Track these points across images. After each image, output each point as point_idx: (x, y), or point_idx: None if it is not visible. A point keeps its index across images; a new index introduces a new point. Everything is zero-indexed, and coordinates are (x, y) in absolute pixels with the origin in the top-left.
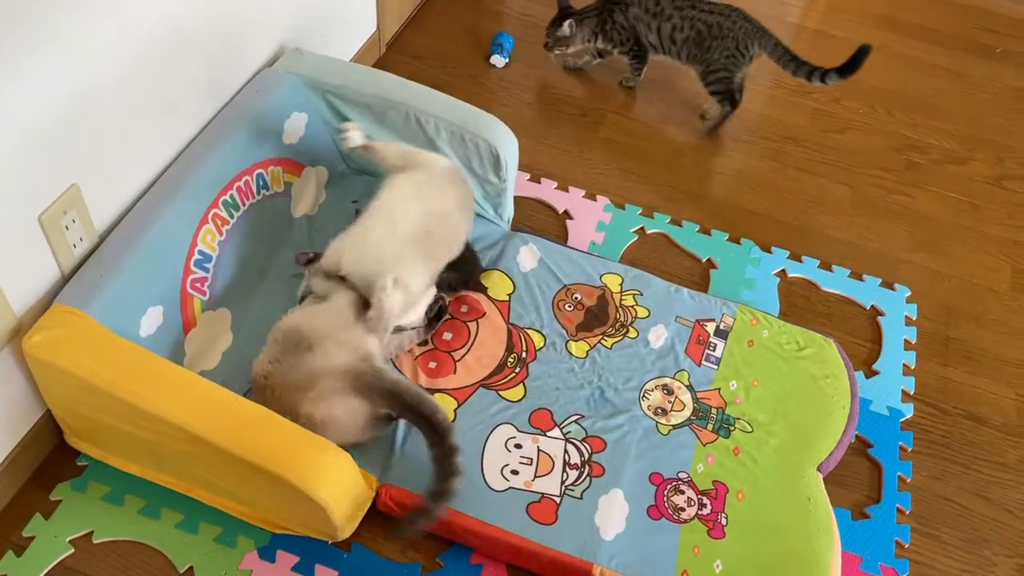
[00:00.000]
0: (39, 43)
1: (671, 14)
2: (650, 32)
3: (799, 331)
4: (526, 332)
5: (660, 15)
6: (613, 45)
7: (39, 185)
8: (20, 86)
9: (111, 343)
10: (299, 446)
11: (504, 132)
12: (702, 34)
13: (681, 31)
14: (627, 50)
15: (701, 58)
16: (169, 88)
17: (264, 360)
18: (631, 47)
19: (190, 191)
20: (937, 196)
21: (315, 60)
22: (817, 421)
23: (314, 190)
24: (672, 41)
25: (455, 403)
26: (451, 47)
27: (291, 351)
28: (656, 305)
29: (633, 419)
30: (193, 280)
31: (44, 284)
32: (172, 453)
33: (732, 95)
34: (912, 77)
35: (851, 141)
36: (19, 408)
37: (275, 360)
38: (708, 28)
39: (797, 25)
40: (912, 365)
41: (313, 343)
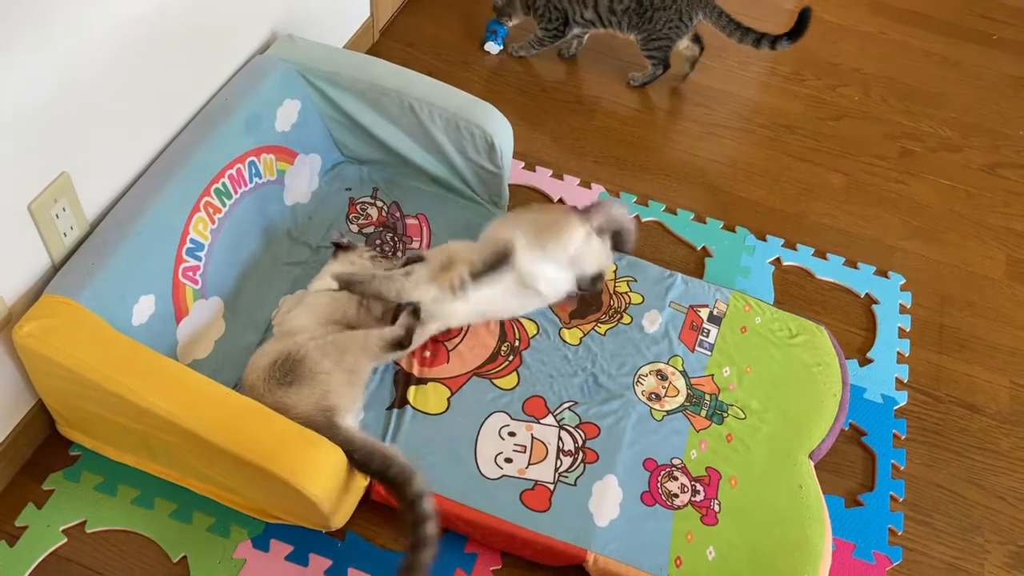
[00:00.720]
0: (27, 29)
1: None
2: (585, 9)
3: (791, 318)
4: (519, 321)
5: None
6: (540, 21)
7: (28, 173)
8: (8, 73)
9: (102, 334)
10: (289, 440)
11: (499, 119)
12: (643, 4)
13: (620, 2)
14: (552, 28)
15: (642, 27)
16: (160, 75)
17: (252, 375)
18: (556, 27)
19: (182, 179)
20: (932, 184)
21: (308, 47)
22: (809, 409)
23: (307, 178)
24: (612, 12)
25: (448, 392)
26: (445, 34)
27: (275, 378)
28: (650, 291)
29: (627, 404)
30: (185, 269)
31: (35, 273)
32: (164, 445)
33: (667, 60)
34: (907, 64)
35: (846, 128)
36: (10, 398)
37: (262, 380)
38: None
39: (791, 11)
40: (906, 353)
41: (295, 380)
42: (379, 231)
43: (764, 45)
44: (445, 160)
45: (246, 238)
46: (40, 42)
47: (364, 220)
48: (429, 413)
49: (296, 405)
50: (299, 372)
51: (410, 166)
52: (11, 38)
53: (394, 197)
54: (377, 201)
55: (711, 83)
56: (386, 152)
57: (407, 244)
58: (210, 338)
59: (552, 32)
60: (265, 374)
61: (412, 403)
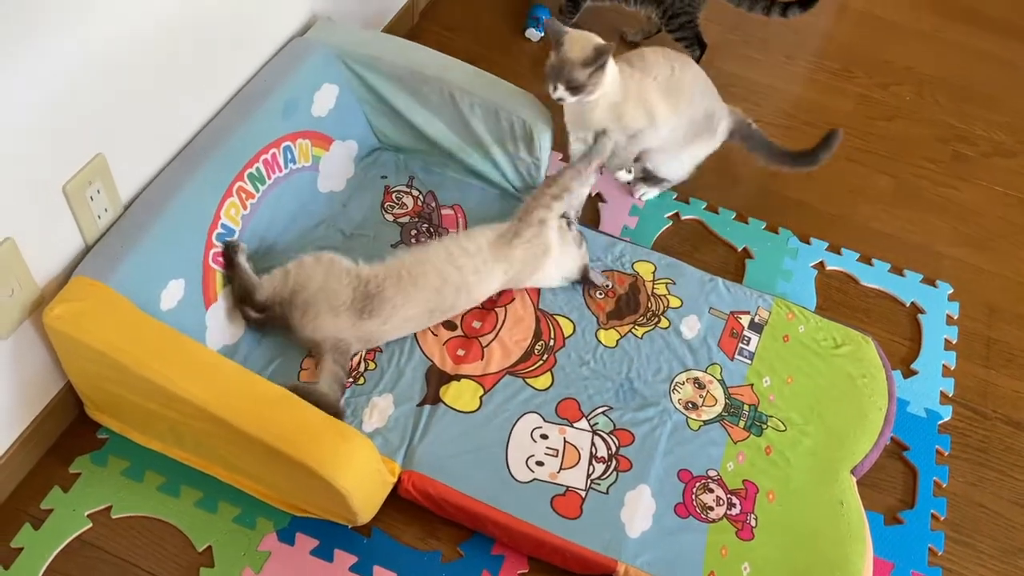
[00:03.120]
0: (65, 10)
1: None
2: None
3: (836, 327)
4: (555, 319)
5: None
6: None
7: (64, 154)
8: (45, 54)
9: (132, 317)
10: (321, 431)
11: (539, 110)
12: None
13: None
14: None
15: (658, 2)
16: (198, 56)
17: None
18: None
19: (215, 163)
20: (984, 190)
21: (347, 31)
22: (852, 422)
23: (343, 165)
24: None
25: (481, 390)
26: (486, 19)
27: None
28: (689, 295)
29: (663, 412)
30: (215, 254)
31: (68, 255)
32: (192, 431)
33: (699, 38)
34: (962, 64)
35: (897, 129)
36: (40, 379)
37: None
38: None
39: (841, 4)
40: (952, 366)
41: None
42: (414, 221)
43: (775, 13)
44: (483, 150)
45: (277, 224)
46: (78, 22)
47: (400, 209)
48: (461, 411)
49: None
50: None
51: (447, 155)
52: (49, 19)
53: (430, 186)
54: (413, 190)
55: (757, 77)
56: (423, 140)
57: (442, 236)
58: (240, 324)
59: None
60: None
61: (444, 400)
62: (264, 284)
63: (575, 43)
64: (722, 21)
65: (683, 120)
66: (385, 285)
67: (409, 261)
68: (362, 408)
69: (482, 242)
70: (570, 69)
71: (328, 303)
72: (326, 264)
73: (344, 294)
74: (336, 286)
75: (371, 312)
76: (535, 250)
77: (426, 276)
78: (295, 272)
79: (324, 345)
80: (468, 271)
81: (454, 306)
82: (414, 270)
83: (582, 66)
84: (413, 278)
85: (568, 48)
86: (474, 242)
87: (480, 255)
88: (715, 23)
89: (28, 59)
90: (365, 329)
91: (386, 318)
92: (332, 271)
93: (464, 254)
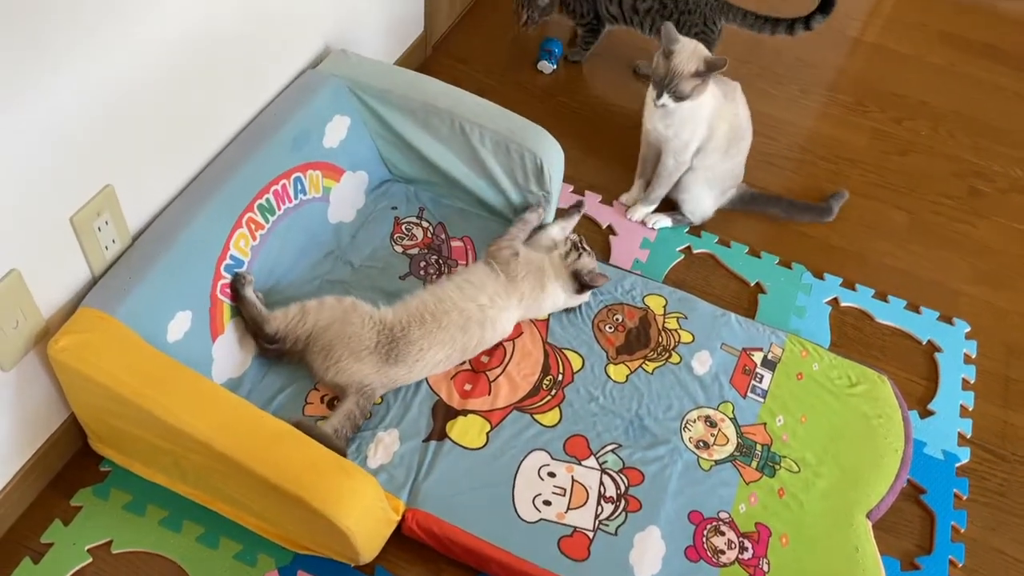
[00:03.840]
0: (76, 43)
1: None
2: (611, 3)
3: (851, 365)
4: (564, 353)
5: None
6: (572, 17)
7: (72, 186)
8: (56, 86)
9: (137, 350)
10: (324, 469)
11: (549, 143)
12: (667, 6)
13: (643, 0)
14: (585, 23)
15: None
16: (210, 88)
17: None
18: (590, 20)
19: (225, 194)
20: (1001, 227)
21: (360, 62)
22: (868, 464)
23: (353, 196)
24: (634, 11)
25: (488, 426)
26: (498, 51)
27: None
28: (701, 330)
29: (673, 451)
30: (223, 285)
31: (74, 286)
32: (195, 466)
33: None
34: (977, 99)
35: (912, 164)
36: (44, 410)
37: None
38: (674, 1)
39: (855, 39)
40: (970, 407)
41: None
42: (423, 253)
43: (799, 29)
44: (493, 183)
45: (286, 255)
46: (91, 55)
47: (409, 241)
48: (467, 447)
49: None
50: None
51: (458, 187)
52: (62, 51)
53: (440, 218)
54: (423, 222)
55: (771, 111)
56: (434, 172)
57: (451, 268)
58: (246, 356)
59: (588, 27)
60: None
61: (450, 436)
62: (277, 317)
63: (686, 54)
64: (735, 55)
65: (729, 162)
66: (410, 328)
67: (430, 302)
68: (367, 443)
69: (482, 276)
70: (679, 80)
71: (350, 348)
72: (348, 308)
73: (367, 338)
74: (359, 331)
75: (397, 357)
76: (531, 268)
77: (448, 315)
78: (315, 312)
79: (348, 389)
80: (486, 304)
81: (482, 341)
82: (436, 311)
83: (690, 76)
84: (437, 319)
85: (678, 58)
86: (476, 275)
87: (489, 287)
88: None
89: (38, 91)
90: (391, 375)
91: (412, 363)
92: (354, 315)
93: (474, 287)
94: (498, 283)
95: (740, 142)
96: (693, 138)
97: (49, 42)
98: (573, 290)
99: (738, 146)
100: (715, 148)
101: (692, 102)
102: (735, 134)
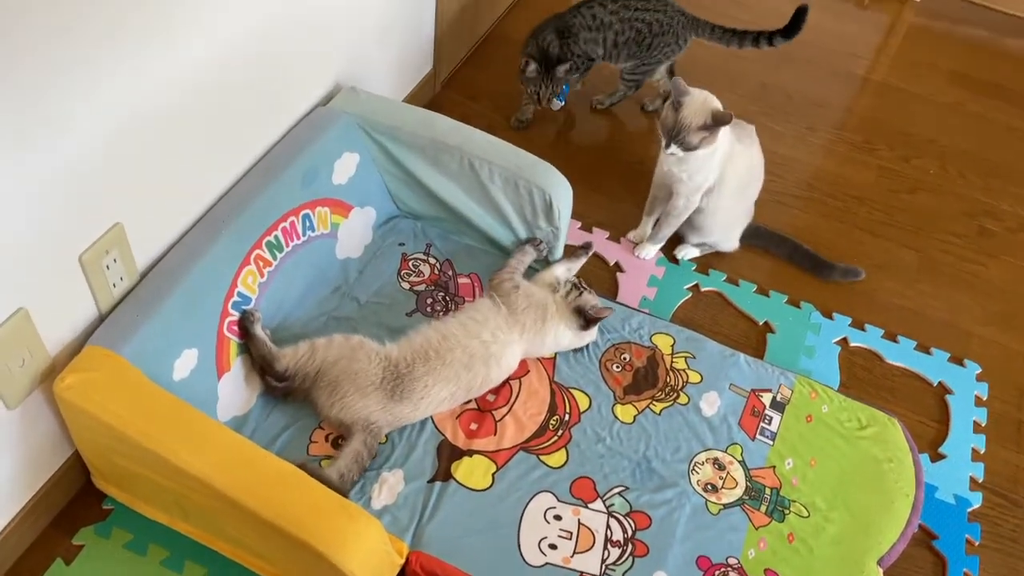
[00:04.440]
0: (87, 82)
1: (611, 22)
2: (598, 47)
3: (861, 407)
4: (571, 392)
5: (602, 27)
6: (579, 74)
7: (82, 224)
8: (68, 125)
9: (142, 389)
10: (328, 511)
11: (558, 179)
12: (641, 32)
13: (622, 34)
14: (583, 72)
15: (639, 55)
16: (220, 126)
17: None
18: (586, 68)
19: (234, 232)
20: (1012, 267)
21: (370, 100)
22: (879, 509)
23: (361, 232)
24: (615, 46)
25: (494, 467)
26: (507, 88)
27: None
28: (709, 370)
29: (681, 494)
30: (231, 322)
31: (81, 323)
32: (197, 506)
33: (641, 83)
34: (987, 137)
35: (920, 203)
36: (48, 448)
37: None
38: (648, 27)
39: (863, 77)
40: (981, 450)
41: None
42: (430, 289)
43: (763, 43)
44: (502, 219)
45: (294, 292)
46: (102, 95)
47: (416, 277)
48: (472, 489)
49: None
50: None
51: (465, 224)
52: (70, 90)
53: (447, 255)
54: (430, 258)
55: (778, 149)
56: (442, 208)
57: (458, 304)
58: (251, 393)
59: (582, 70)
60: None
61: (455, 476)
62: (286, 355)
63: (694, 107)
64: (746, 93)
65: (743, 203)
66: (415, 365)
67: (435, 339)
68: (371, 484)
69: (485, 311)
70: (686, 132)
71: (356, 384)
72: (355, 345)
73: (373, 374)
74: (365, 367)
75: (402, 394)
76: (532, 301)
77: (452, 352)
78: (323, 349)
79: (354, 427)
80: (488, 340)
81: (487, 379)
82: (440, 348)
83: (698, 129)
84: (441, 356)
85: (687, 111)
86: (480, 312)
87: (491, 322)
88: (736, 94)
89: (48, 129)
90: (396, 413)
91: (417, 400)
92: (360, 352)
93: (477, 323)
94: (499, 316)
95: (754, 183)
96: (706, 181)
97: (60, 83)
98: (578, 326)
99: (752, 188)
100: (728, 190)
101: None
102: (749, 176)
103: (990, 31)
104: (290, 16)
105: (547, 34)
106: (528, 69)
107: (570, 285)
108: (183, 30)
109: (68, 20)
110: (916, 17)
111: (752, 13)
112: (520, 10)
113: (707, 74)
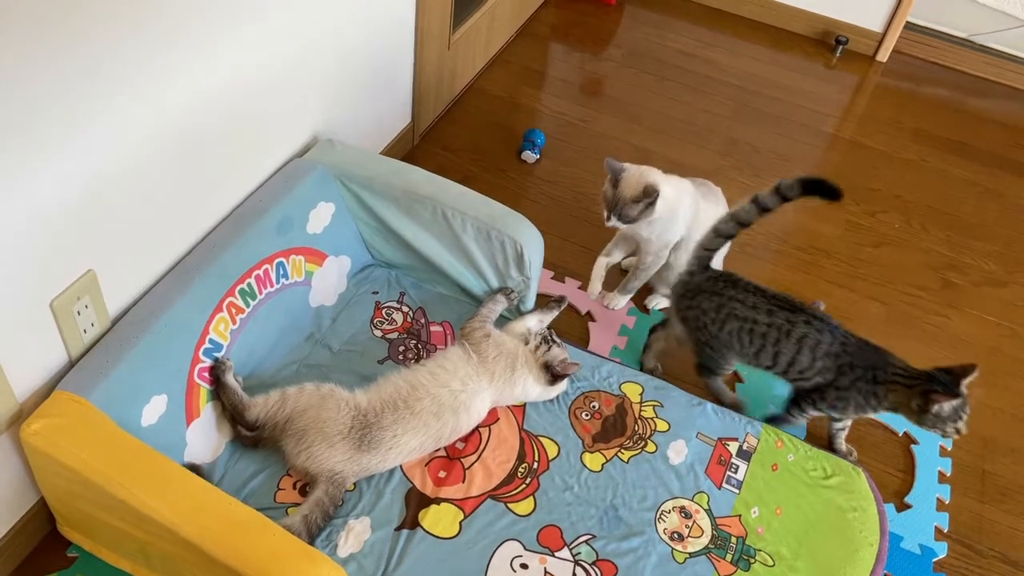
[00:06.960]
0: (63, 129)
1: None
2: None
3: (826, 457)
4: (540, 440)
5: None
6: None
7: (54, 271)
8: (42, 171)
9: (110, 435)
10: (291, 557)
11: (530, 230)
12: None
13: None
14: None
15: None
16: (194, 177)
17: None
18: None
19: (207, 279)
20: (975, 319)
21: (346, 152)
22: (843, 558)
23: (335, 280)
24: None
25: (461, 515)
26: (483, 141)
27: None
28: (677, 419)
29: (648, 543)
30: (201, 369)
31: (51, 369)
32: (162, 553)
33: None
34: (949, 193)
35: (886, 256)
36: (14, 494)
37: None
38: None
39: (831, 134)
40: (946, 500)
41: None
42: (403, 337)
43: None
44: (474, 268)
45: (266, 339)
46: (76, 144)
47: (389, 325)
48: (439, 536)
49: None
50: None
51: (439, 273)
52: (46, 140)
53: (420, 303)
54: (403, 306)
55: None
56: (416, 258)
57: (430, 352)
58: (220, 440)
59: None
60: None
61: (422, 524)
62: (257, 404)
63: (630, 182)
64: (716, 149)
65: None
66: (383, 415)
67: (404, 388)
68: (337, 532)
69: (455, 359)
70: (623, 205)
71: (323, 433)
72: (325, 394)
73: (342, 423)
74: (334, 415)
75: (369, 444)
76: (503, 350)
77: (421, 402)
78: (294, 398)
79: (319, 477)
80: (458, 389)
81: (456, 428)
82: (409, 397)
83: (634, 203)
84: (409, 406)
85: (624, 186)
86: (450, 360)
87: (461, 370)
88: (708, 149)
89: (23, 177)
90: (363, 463)
91: (386, 451)
92: (330, 400)
93: (447, 372)
94: (470, 365)
95: None
96: (674, 238)
97: (34, 131)
98: (546, 381)
99: None
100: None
101: (669, 210)
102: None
103: (952, 91)
104: (267, 69)
105: None
106: None
107: (540, 338)
108: (159, 80)
109: (42, 68)
110: (882, 77)
111: (728, 73)
112: (498, 65)
113: (679, 130)
